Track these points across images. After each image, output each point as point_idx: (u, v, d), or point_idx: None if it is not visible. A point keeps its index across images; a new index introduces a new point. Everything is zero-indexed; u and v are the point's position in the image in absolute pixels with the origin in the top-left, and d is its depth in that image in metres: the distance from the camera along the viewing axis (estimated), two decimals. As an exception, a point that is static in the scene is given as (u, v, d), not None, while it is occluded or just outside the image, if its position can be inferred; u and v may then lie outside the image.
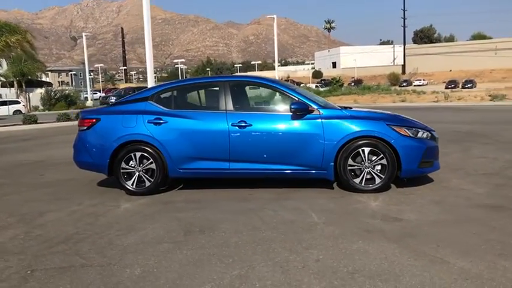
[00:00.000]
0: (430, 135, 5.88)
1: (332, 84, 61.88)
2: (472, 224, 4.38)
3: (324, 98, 9.12)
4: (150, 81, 13.03)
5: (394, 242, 3.95)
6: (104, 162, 6.00)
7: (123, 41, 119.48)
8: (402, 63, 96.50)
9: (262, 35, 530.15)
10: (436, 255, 3.59)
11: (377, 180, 5.66)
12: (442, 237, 4.01)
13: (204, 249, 3.94)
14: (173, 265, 3.60)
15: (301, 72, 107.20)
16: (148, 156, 5.93)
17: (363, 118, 5.76)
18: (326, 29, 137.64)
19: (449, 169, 6.94)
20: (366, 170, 5.66)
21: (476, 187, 5.84)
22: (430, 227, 4.31)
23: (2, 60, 34.32)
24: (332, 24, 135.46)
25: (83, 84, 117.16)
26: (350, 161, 5.66)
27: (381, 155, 5.61)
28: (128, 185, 5.98)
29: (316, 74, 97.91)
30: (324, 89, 58.29)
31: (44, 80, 57.24)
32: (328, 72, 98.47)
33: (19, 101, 35.64)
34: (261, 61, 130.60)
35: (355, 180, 5.69)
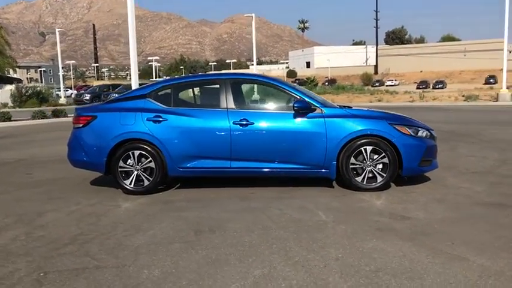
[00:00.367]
0: (429, 134, 5.96)
1: (307, 84, 62.32)
2: (480, 221, 4.45)
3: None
4: (134, 79, 12.77)
5: (408, 240, 3.97)
6: (101, 160, 5.85)
7: (95, 37, 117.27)
8: (375, 64, 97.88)
9: (236, 33, 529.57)
10: (453, 253, 3.63)
11: (379, 179, 5.70)
12: (454, 235, 4.06)
13: (219, 248, 3.88)
14: (191, 265, 3.53)
15: (275, 71, 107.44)
16: (147, 154, 5.80)
17: (365, 117, 5.79)
18: (300, 28, 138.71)
19: (442, 168, 7.02)
20: (368, 168, 5.69)
21: (473, 185, 5.95)
22: (440, 225, 4.35)
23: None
24: (306, 24, 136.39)
25: (52, 81, 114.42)
26: (352, 160, 5.68)
27: (383, 154, 5.64)
28: (126, 184, 5.85)
29: (291, 73, 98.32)
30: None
31: (13, 76, 55.60)
32: (302, 72, 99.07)
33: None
34: (236, 60, 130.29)
35: (357, 178, 5.71)
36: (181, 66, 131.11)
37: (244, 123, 5.71)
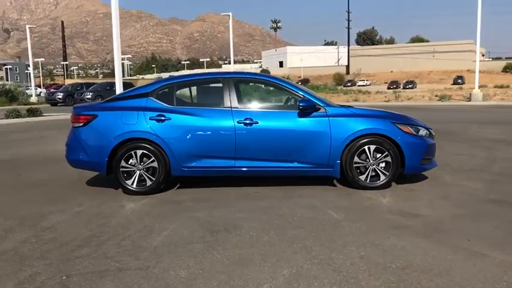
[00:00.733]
0: (428, 132, 6.08)
1: (281, 83, 62.38)
2: (487, 218, 4.57)
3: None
4: (117, 78, 12.55)
5: (424, 237, 4.04)
6: (102, 160, 5.73)
7: (64, 35, 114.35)
8: (346, 64, 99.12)
9: (207, 32, 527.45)
10: (472, 249, 3.71)
11: (382, 177, 5.78)
12: (468, 231, 4.15)
13: (240, 248, 3.86)
14: (216, 266, 3.50)
15: (248, 70, 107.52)
16: (150, 154, 5.72)
17: (368, 116, 5.86)
18: (272, 28, 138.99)
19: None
20: (371, 167, 5.77)
21: (472, 183, 6.10)
22: (451, 222, 4.45)
23: None
24: (278, 24, 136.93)
25: (19, 79, 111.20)
26: (356, 159, 5.74)
27: (386, 153, 5.72)
28: (128, 184, 5.75)
29: (264, 73, 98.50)
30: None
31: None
32: (275, 72, 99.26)
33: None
34: (208, 59, 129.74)
35: (360, 177, 5.78)
36: (153, 65, 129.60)
37: (249, 122, 5.70)
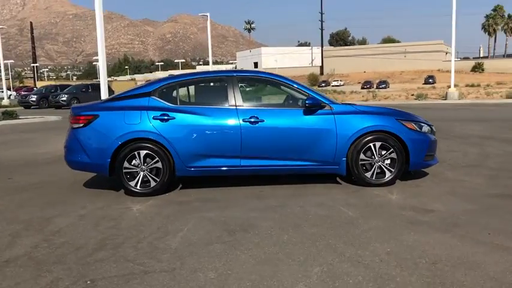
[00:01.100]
0: (430, 129, 6.13)
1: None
2: (499, 212, 4.61)
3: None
4: (102, 80, 12.27)
5: (443, 232, 4.05)
6: (104, 162, 5.56)
7: (33, 36, 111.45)
8: (320, 65, 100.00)
9: (180, 33, 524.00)
10: (494, 243, 3.74)
11: (387, 174, 5.79)
12: (485, 225, 4.18)
13: (262, 248, 3.79)
14: (245, 266, 3.42)
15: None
16: (153, 154, 5.58)
17: (373, 113, 5.86)
18: (246, 29, 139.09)
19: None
20: (377, 164, 5.78)
21: (473, 178, 6.18)
22: (465, 217, 4.47)
23: None
24: (252, 25, 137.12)
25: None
26: (362, 156, 5.74)
27: (391, 149, 5.74)
28: (131, 185, 5.60)
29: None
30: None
31: None
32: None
33: None
34: (181, 60, 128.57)
35: (366, 174, 5.78)
36: (126, 67, 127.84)
37: (254, 120, 5.63)
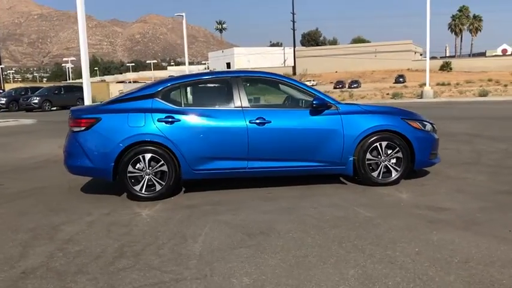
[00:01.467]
0: (432, 127, 6.19)
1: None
2: (512, 209, 4.69)
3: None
4: (85, 82, 11.92)
5: (465, 230, 4.07)
6: (108, 166, 5.38)
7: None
8: (293, 65, 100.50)
9: (149, 34, 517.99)
10: (518, 239, 3.78)
11: (393, 173, 5.82)
12: (503, 222, 4.23)
13: (290, 251, 3.72)
14: (278, 270, 3.34)
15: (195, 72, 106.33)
16: (159, 157, 5.44)
17: (379, 113, 5.87)
18: (217, 29, 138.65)
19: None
20: (383, 163, 5.79)
21: (475, 175, 6.28)
22: (482, 214, 4.51)
23: None
24: (223, 25, 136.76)
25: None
26: (368, 155, 5.74)
27: (397, 148, 5.77)
28: (136, 190, 5.44)
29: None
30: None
31: None
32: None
33: None
34: (153, 61, 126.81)
35: (373, 174, 5.79)
36: (95, 68, 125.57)
37: (261, 121, 5.56)
